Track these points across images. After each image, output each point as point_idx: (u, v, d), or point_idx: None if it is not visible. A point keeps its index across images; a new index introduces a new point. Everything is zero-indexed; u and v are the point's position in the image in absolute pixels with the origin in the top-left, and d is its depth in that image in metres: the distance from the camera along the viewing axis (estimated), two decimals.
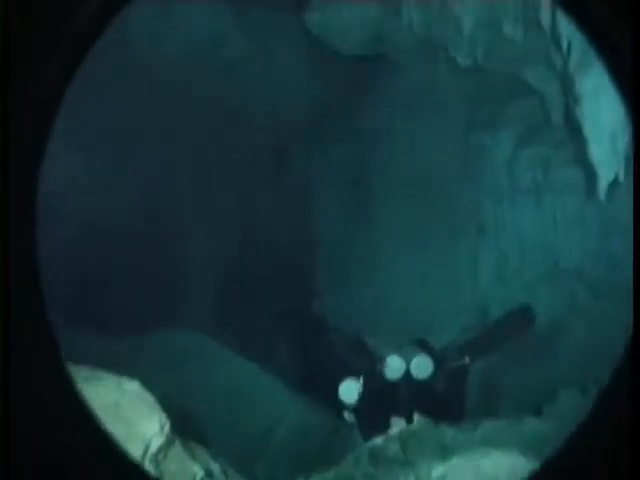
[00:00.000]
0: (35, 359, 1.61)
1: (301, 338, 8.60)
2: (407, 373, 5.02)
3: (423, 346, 5.26)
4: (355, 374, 5.07)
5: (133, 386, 2.44)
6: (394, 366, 4.99)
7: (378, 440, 4.46)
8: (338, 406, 5.14)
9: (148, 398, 2.40)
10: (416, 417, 4.32)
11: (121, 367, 6.38)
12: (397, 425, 4.45)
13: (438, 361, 5.05)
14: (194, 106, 8.81)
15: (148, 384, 6.39)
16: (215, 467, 2.73)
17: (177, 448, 2.37)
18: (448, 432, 4.27)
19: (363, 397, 4.98)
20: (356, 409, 5.09)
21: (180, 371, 6.43)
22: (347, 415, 5.16)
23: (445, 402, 5.07)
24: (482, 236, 6.91)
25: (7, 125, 1.53)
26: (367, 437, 4.85)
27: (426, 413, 4.60)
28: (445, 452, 4.08)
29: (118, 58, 7.60)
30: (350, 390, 4.99)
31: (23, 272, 1.61)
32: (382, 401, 5.01)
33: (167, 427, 2.32)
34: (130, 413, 2.01)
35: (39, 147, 1.61)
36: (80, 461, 1.64)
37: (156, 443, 2.27)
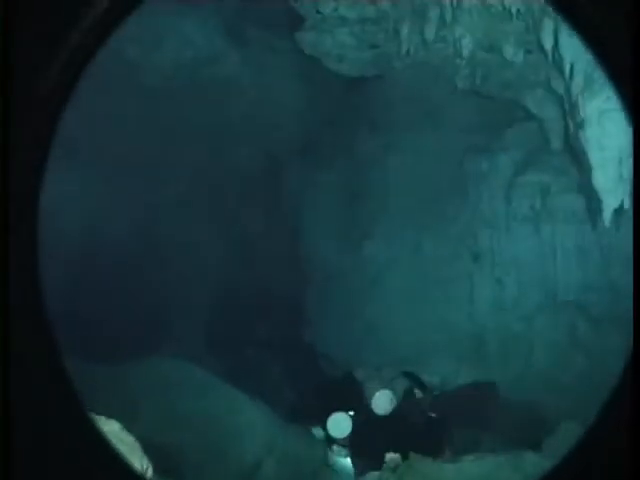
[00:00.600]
0: (35, 363, 1.59)
1: (290, 366, 8.43)
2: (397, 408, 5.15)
3: (412, 380, 5.49)
4: (345, 409, 5.18)
5: (112, 427, 2.16)
6: (383, 402, 5.10)
7: (373, 476, 4.30)
8: (327, 438, 5.23)
9: (128, 439, 2.15)
10: (412, 453, 4.18)
11: (105, 395, 6.22)
12: (392, 460, 4.29)
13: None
14: (187, 126, 8.72)
15: (133, 412, 6.21)
16: None
17: None
18: (446, 468, 4.12)
19: (353, 431, 5.05)
20: (346, 443, 5.15)
21: (166, 399, 6.28)
22: (336, 449, 5.21)
23: (426, 437, 5.05)
24: (478, 264, 6.79)
25: (7, 126, 1.51)
26: (360, 471, 4.71)
27: (407, 447, 4.57)
28: None
29: (112, 77, 7.51)
30: (339, 424, 5.08)
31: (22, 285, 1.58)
32: (371, 435, 5.02)
33: (149, 472, 2.09)
34: None
35: (41, 151, 1.58)
36: (80, 465, 1.60)
37: None
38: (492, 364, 6.52)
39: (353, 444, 5.10)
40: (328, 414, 5.23)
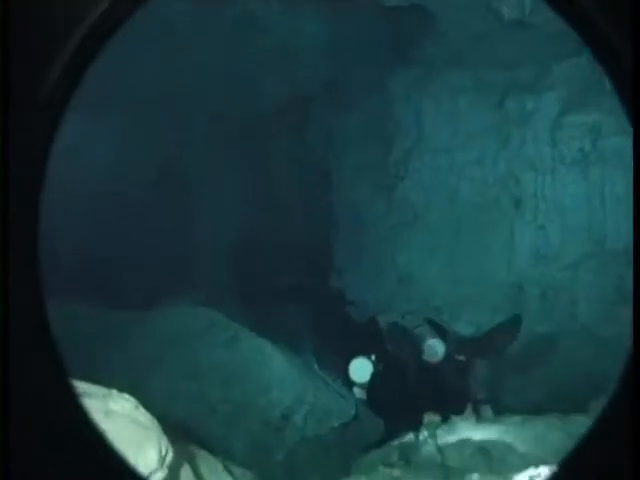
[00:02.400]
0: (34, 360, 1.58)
1: (316, 314, 8.33)
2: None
3: (436, 328, 5.40)
4: (366, 354, 5.31)
5: (124, 407, 1.91)
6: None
7: (410, 438, 4.16)
8: (349, 383, 5.42)
9: (144, 419, 1.91)
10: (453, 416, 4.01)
11: (128, 343, 6.14)
12: (431, 422, 4.12)
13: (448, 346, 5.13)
14: (210, 63, 8.43)
15: (156, 362, 6.11)
16: None
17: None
18: (491, 430, 3.96)
19: (374, 377, 5.24)
20: (367, 389, 5.33)
21: (190, 348, 6.21)
22: (357, 391, 5.43)
23: (451, 390, 5.09)
24: (519, 210, 6.48)
25: (7, 127, 1.53)
26: (394, 432, 4.61)
27: (432, 400, 4.82)
28: (487, 456, 3.76)
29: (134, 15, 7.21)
30: (360, 369, 5.26)
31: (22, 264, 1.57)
32: (392, 383, 5.17)
33: (170, 456, 1.86)
34: (120, 444, 1.57)
35: (41, 153, 1.60)
36: (79, 463, 1.59)
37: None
38: (532, 317, 6.29)
39: (374, 389, 5.29)
40: (350, 359, 5.36)
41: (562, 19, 1.83)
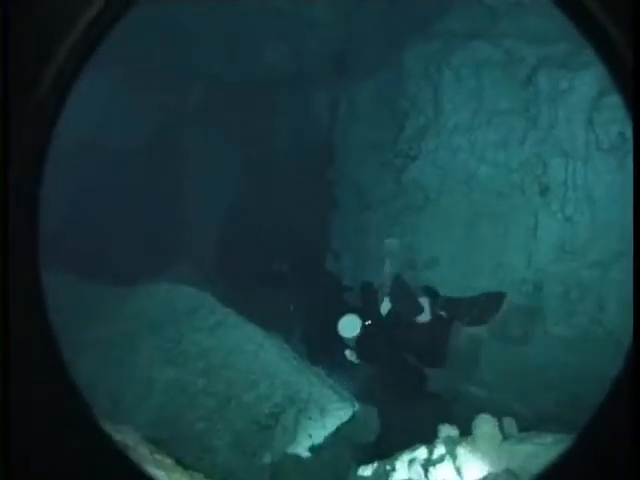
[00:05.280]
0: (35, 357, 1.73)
1: (310, 300, 7.84)
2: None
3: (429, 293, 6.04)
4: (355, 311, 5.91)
5: None
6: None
7: (421, 452, 3.65)
8: (340, 345, 5.86)
9: None
10: (475, 431, 3.48)
11: (109, 317, 5.67)
12: (449, 437, 3.60)
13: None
14: (210, 24, 7.91)
15: (134, 340, 5.62)
16: None
17: None
18: (514, 450, 3.45)
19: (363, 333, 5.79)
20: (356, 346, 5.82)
21: (171, 330, 5.75)
22: (349, 353, 5.84)
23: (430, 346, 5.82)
24: (545, 199, 5.91)
25: (7, 129, 1.60)
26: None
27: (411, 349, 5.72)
28: None
29: None
30: (349, 325, 5.80)
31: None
32: (377, 338, 5.73)
33: None
34: None
35: (38, 152, 1.71)
36: (80, 460, 1.71)
37: None
38: (551, 318, 5.78)
39: (361, 346, 5.79)
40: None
41: (565, 16, 1.87)
